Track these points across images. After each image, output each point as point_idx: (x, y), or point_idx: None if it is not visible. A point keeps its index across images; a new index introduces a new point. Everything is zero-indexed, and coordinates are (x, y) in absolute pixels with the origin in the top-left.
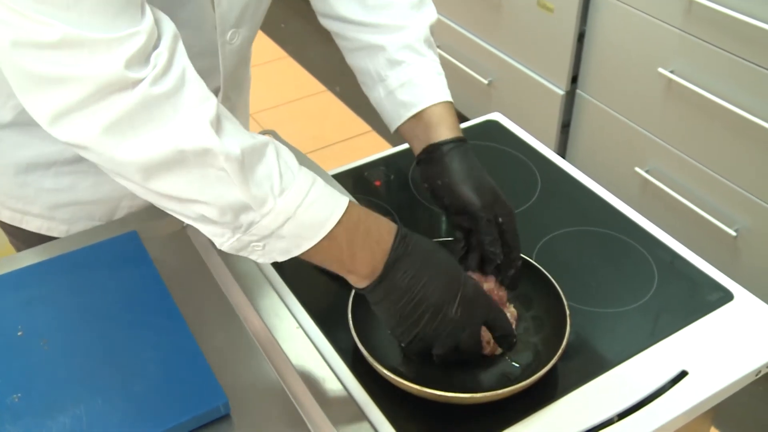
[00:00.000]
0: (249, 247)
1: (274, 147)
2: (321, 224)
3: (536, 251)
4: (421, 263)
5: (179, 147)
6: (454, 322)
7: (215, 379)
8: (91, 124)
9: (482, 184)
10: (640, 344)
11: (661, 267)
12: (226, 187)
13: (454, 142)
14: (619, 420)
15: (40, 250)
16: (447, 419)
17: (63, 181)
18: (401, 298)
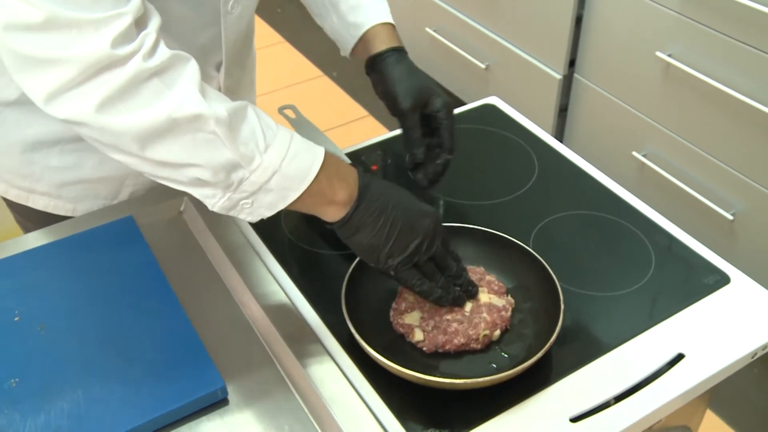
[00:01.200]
0: (239, 205)
1: (252, 108)
2: (305, 174)
3: (533, 235)
4: (384, 185)
5: (172, 116)
6: (426, 230)
7: (212, 364)
8: (85, 101)
9: (415, 84)
10: (637, 327)
11: (658, 251)
12: (216, 148)
13: (389, 52)
14: (615, 403)
15: (40, 235)
16: (442, 404)
17: (68, 159)
18: (380, 217)
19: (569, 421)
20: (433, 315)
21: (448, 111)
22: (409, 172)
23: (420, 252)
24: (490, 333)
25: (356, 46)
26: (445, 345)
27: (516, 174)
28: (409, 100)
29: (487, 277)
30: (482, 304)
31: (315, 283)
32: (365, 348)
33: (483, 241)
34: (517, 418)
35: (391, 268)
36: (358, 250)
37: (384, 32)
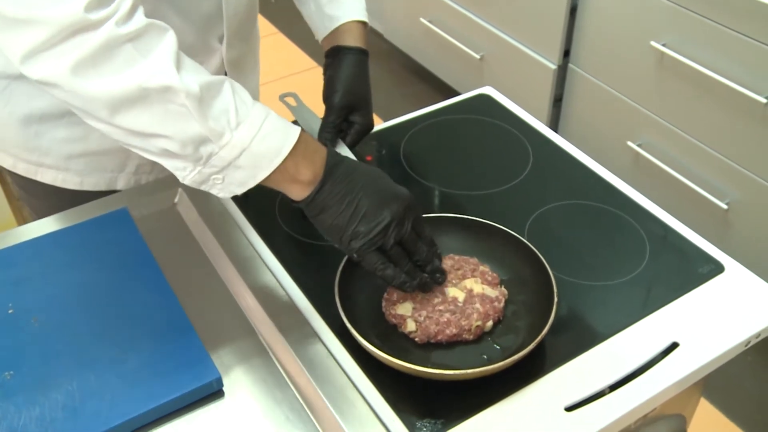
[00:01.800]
0: (210, 180)
1: (230, 84)
2: (275, 154)
3: (528, 225)
4: (355, 166)
5: (143, 85)
6: (395, 213)
7: (207, 355)
8: (60, 62)
9: (356, 91)
10: (631, 317)
11: (653, 240)
12: (186, 121)
13: (354, 50)
14: (610, 392)
15: (34, 227)
16: (437, 394)
17: (75, 131)
18: (345, 198)
19: (564, 410)
20: (425, 305)
21: (363, 130)
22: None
23: (385, 235)
24: (483, 324)
25: (327, 35)
26: (437, 335)
27: (510, 164)
28: (343, 101)
29: (480, 267)
30: (475, 295)
31: (309, 274)
32: (358, 339)
33: (477, 231)
34: (513, 407)
35: (353, 251)
36: (323, 230)
37: (356, 30)
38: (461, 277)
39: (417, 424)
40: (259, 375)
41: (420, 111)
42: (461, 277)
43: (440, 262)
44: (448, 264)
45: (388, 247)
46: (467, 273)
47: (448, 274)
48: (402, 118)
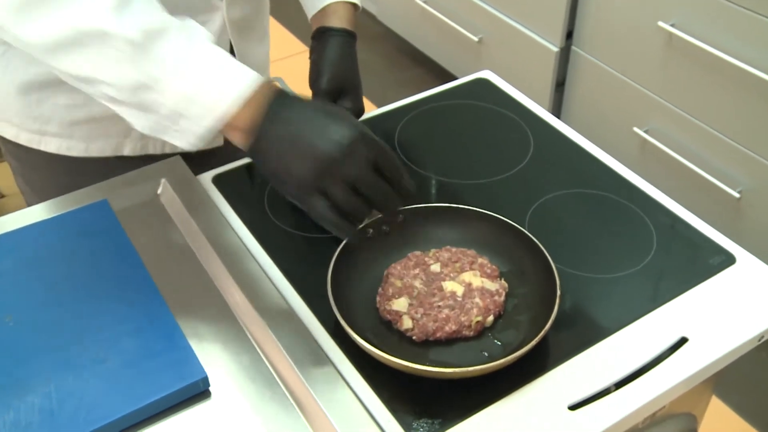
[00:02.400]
0: (163, 127)
1: (182, 30)
2: (215, 102)
3: (529, 215)
4: (300, 108)
5: (77, 27)
6: (336, 150)
7: (193, 353)
8: (3, 5)
9: (343, 74)
10: (638, 311)
11: (660, 230)
12: (122, 66)
13: (340, 32)
14: (616, 389)
15: (8, 220)
16: (434, 393)
17: (77, 97)
18: (285, 141)
19: (567, 409)
20: (422, 301)
21: (358, 112)
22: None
23: (326, 176)
24: (483, 319)
25: (315, 15)
26: (436, 333)
27: (510, 152)
28: (329, 85)
29: (479, 260)
30: (474, 289)
31: (300, 268)
32: (352, 336)
33: (475, 222)
34: (513, 406)
35: (296, 198)
36: (268, 179)
37: (344, 11)
38: (459, 270)
39: (413, 425)
40: (247, 374)
41: (415, 96)
42: (459, 270)
43: (408, 186)
44: (445, 256)
45: (333, 189)
46: (465, 266)
47: (446, 267)
48: (396, 104)
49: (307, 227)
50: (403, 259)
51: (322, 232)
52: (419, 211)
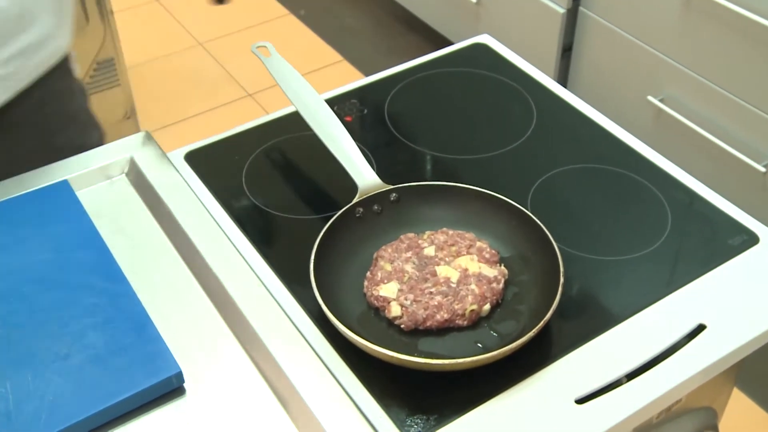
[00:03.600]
0: None
1: None
2: None
3: (532, 193)
4: None
5: None
6: None
7: (166, 347)
8: None
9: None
10: (651, 296)
11: (676, 208)
12: None
13: None
14: (627, 381)
15: None
16: (429, 387)
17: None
18: None
19: (574, 402)
20: (413, 287)
21: None
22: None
23: None
24: (479, 308)
25: None
26: (426, 321)
27: (512, 124)
28: None
29: (477, 243)
30: (471, 275)
31: (281, 252)
32: (337, 325)
33: (473, 201)
34: (515, 401)
35: None
36: None
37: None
38: (455, 254)
39: (407, 421)
40: (225, 368)
41: (407, 64)
42: (455, 254)
43: None
44: (441, 239)
45: None
46: (462, 250)
47: (441, 250)
48: (386, 73)
49: (289, 207)
50: (394, 242)
51: (306, 212)
52: (413, 189)
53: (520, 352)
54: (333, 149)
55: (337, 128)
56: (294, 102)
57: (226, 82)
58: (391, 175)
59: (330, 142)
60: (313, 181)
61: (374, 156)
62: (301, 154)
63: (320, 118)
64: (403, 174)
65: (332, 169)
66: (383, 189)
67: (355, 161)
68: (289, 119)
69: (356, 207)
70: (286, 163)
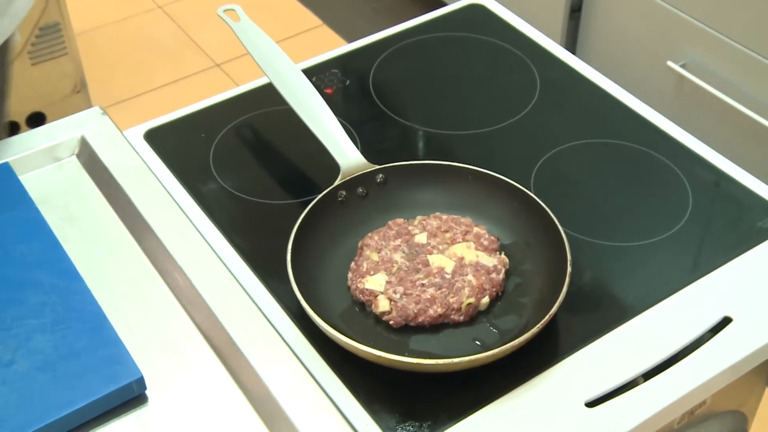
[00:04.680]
0: None
1: None
2: None
3: (535, 172)
4: None
5: None
6: None
7: (125, 350)
8: None
9: None
10: (670, 285)
11: (698, 187)
12: None
13: None
14: (644, 381)
15: None
16: (422, 390)
17: None
18: None
19: (585, 405)
20: (403, 278)
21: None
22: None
23: None
24: (476, 301)
25: None
26: (418, 317)
27: (512, 95)
28: None
29: (475, 229)
30: (467, 264)
31: (254, 242)
32: (317, 322)
33: (469, 182)
34: (518, 404)
35: None
36: None
37: None
38: (450, 241)
39: (397, 429)
40: (193, 373)
41: (394, 28)
42: (450, 241)
43: None
44: (434, 225)
45: None
46: (457, 236)
47: (433, 237)
48: (371, 39)
49: (262, 190)
50: (382, 228)
51: (282, 196)
52: (402, 170)
53: (523, 350)
54: (311, 125)
55: (316, 102)
56: (267, 72)
57: (189, 51)
58: (377, 154)
59: (308, 117)
60: (290, 161)
61: (358, 133)
62: (275, 132)
63: (297, 90)
64: (391, 152)
65: (311, 147)
66: (368, 169)
67: (336, 139)
68: (261, 92)
69: (338, 190)
70: (259, 141)
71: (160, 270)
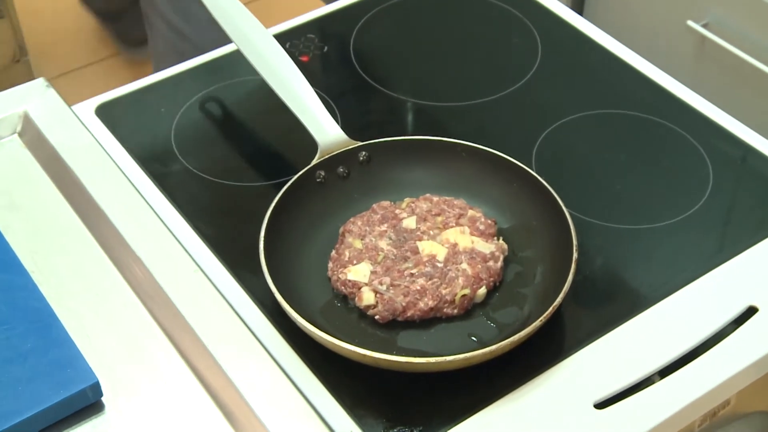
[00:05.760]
0: None
1: None
2: None
3: (536, 148)
4: None
5: None
6: None
7: (79, 353)
8: None
9: None
10: (688, 272)
11: (719, 162)
12: None
13: None
14: (660, 379)
15: None
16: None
17: None
18: None
19: (593, 407)
20: (390, 268)
21: None
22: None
23: None
24: (472, 292)
25: None
26: (407, 311)
27: (511, 61)
28: None
29: (470, 212)
30: (461, 251)
31: (222, 229)
32: (295, 318)
33: (462, 160)
34: (519, 407)
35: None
36: None
37: None
38: (442, 225)
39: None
40: (154, 377)
41: None
42: (442, 225)
43: None
44: (424, 208)
45: None
46: (450, 220)
47: (423, 222)
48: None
49: (231, 171)
50: (365, 212)
51: (253, 177)
52: (387, 146)
53: (524, 346)
54: (285, 98)
55: (290, 71)
56: (234, 39)
57: None
58: (359, 129)
59: (281, 88)
60: (262, 138)
61: (338, 105)
62: (245, 105)
63: (268, 58)
64: (375, 127)
65: (285, 123)
66: (350, 147)
67: (314, 112)
68: (228, 61)
69: (316, 170)
70: (227, 116)
71: (116, 262)
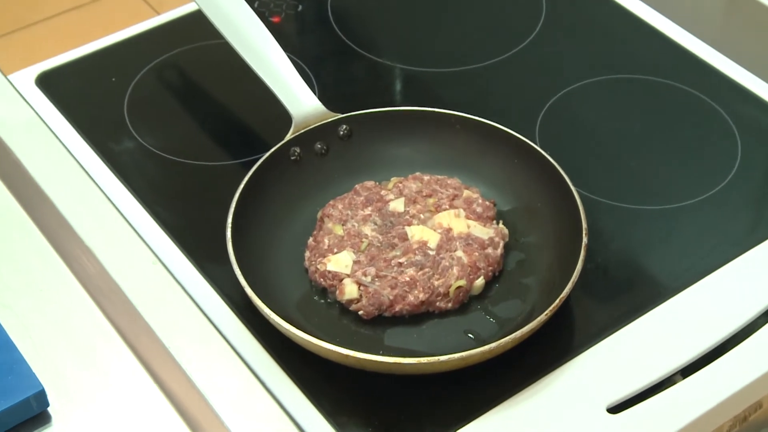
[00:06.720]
0: None
1: None
2: None
3: (541, 119)
4: None
5: None
6: None
7: (23, 359)
8: None
9: None
10: (713, 258)
11: (748, 132)
12: None
13: None
14: (683, 379)
15: None
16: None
17: None
18: None
19: (606, 411)
20: (375, 257)
21: None
22: None
23: None
24: (468, 283)
25: None
26: (395, 305)
27: (510, 21)
28: None
29: (465, 192)
30: (456, 237)
31: (184, 214)
32: (267, 314)
33: (457, 133)
34: (523, 412)
35: None
36: None
37: None
38: (434, 208)
39: None
40: (107, 382)
41: None
42: (434, 208)
43: None
44: (413, 188)
45: None
46: (443, 202)
47: (413, 204)
48: None
49: (192, 149)
50: (347, 194)
51: (218, 156)
52: (371, 119)
53: (528, 344)
54: (254, 64)
55: (259, 34)
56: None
57: None
58: (339, 100)
59: (249, 54)
60: (228, 111)
61: (315, 73)
62: (208, 73)
63: (234, 19)
64: (358, 97)
65: (255, 93)
66: (329, 119)
67: (287, 81)
68: (189, 22)
69: (291, 146)
70: (188, 86)
71: (61, 253)
